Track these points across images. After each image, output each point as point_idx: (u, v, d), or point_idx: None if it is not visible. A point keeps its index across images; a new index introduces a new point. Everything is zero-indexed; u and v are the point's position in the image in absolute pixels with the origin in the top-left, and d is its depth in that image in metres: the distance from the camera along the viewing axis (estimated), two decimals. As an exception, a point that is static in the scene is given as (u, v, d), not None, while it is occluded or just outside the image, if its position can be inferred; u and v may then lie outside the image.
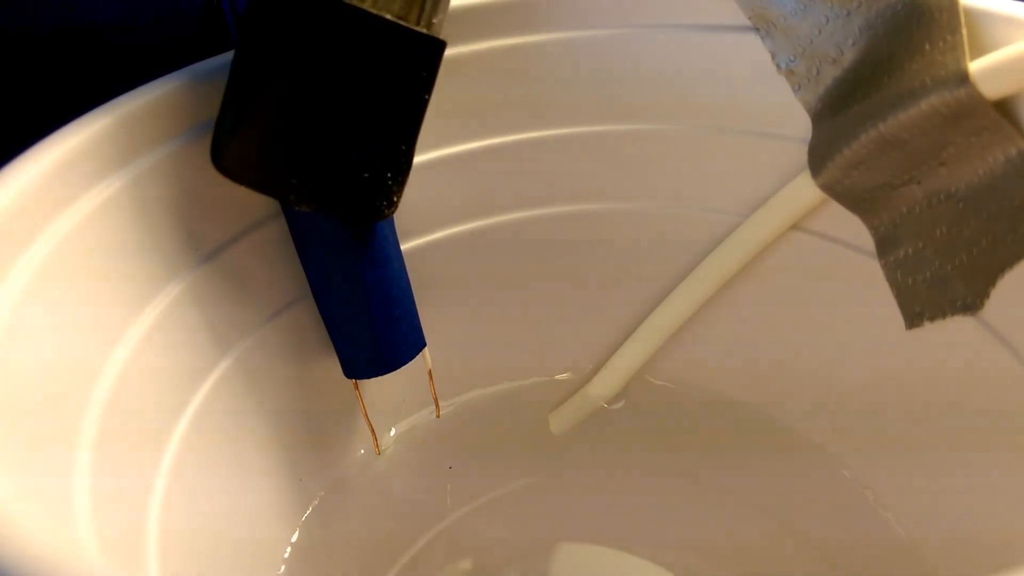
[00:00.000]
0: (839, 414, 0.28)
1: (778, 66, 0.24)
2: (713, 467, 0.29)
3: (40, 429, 0.16)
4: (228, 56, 0.21)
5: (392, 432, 0.29)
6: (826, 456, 0.28)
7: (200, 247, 0.22)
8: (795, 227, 0.26)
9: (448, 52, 0.20)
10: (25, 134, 0.18)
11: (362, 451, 0.29)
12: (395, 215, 0.21)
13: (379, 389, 0.28)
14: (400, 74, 0.19)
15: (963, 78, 0.18)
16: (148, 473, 0.20)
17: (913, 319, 0.24)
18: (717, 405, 0.31)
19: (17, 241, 0.17)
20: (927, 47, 0.20)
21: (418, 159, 0.21)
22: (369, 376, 0.25)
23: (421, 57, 0.19)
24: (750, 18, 0.24)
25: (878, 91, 0.21)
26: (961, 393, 0.24)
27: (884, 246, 0.24)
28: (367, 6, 0.19)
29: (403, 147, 0.20)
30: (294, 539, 0.26)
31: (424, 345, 0.25)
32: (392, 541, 0.28)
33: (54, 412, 0.17)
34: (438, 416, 0.28)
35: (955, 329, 0.23)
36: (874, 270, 0.24)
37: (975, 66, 0.18)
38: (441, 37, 0.20)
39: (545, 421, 0.31)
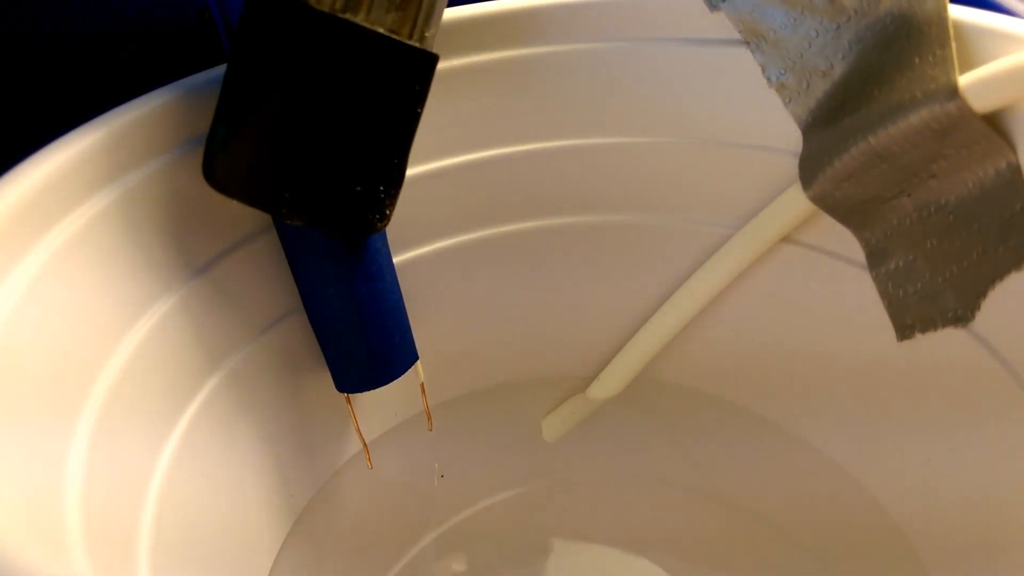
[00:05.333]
0: (830, 415, 0.28)
1: (769, 79, 0.24)
2: (706, 471, 0.29)
3: (32, 442, 0.16)
4: (220, 70, 0.21)
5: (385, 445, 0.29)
6: (824, 456, 0.28)
7: (192, 261, 0.21)
8: (786, 239, 0.26)
9: (440, 65, 0.20)
10: (13, 148, 0.18)
11: (354, 464, 0.29)
12: (387, 228, 0.21)
13: (371, 403, 0.28)
14: (393, 88, 0.19)
15: (953, 92, 0.19)
16: (139, 487, 0.20)
17: (904, 330, 0.24)
18: (707, 417, 0.31)
19: (7, 256, 0.17)
20: (917, 61, 0.20)
21: (410, 172, 0.21)
22: (361, 390, 0.25)
23: (414, 71, 0.19)
24: (740, 32, 0.24)
25: (868, 104, 0.21)
26: (951, 401, 0.24)
27: (875, 258, 0.24)
28: (360, 20, 0.19)
29: (396, 160, 0.20)
30: (285, 551, 0.26)
31: (417, 358, 0.25)
32: (383, 553, 0.28)
33: (45, 425, 0.17)
34: (430, 429, 0.28)
35: (945, 340, 0.23)
36: (865, 282, 0.24)
37: (965, 80, 0.19)
38: (434, 51, 0.20)
39: (537, 429, 0.31)
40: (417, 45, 0.19)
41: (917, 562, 0.25)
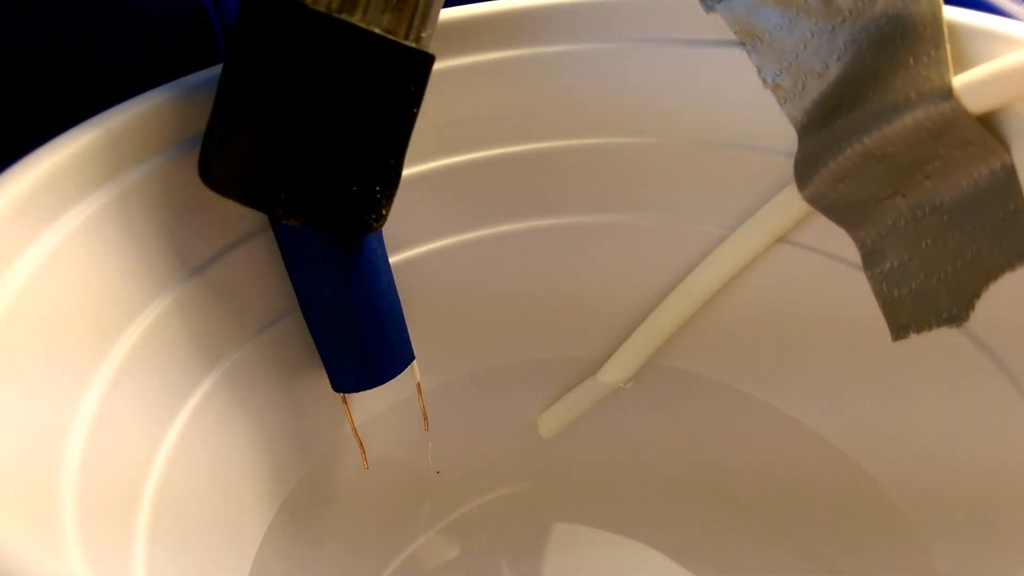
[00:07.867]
0: (839, 410, 0.28)
1: (764, 80, 0.24)
2: (706, 459, 0.29)
3: (30, 439, 0.16)
4: (216, 70, 0.21)
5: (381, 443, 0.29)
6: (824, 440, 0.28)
7: (187, 261, 0.21)
8: (782, 239, 0.26)
9: (436, 66, 0.20)
10: (8, 151, 0.18)
11: (350, 464, 0.29)
12: (383, 228, 0.21)
13: (367, 402, 0.28)
14: (389, 88, 0.19)
15: (947, 92, 0.19)
16: (134, 484, 0.20)
17: (899, 331, 0.24)
18: (706, 404, 0.31)
19: (2, 256, 0.17)
20: (911, 62, 0.20)
21: (406, 172, 0.21)
22: (357, 390, 0.25)
23: (410, 71, 0.20)
24: (736, 33, 0.24)
25: (863, 105, 0.21)
26: (946, 399, 0.24)
27: (870, 258, 0.24)
28: (356, 20, 0.19)
29: (392, 161, 0.20)
30: (283, 549, 0.26)
31: (413, 358, 0.25)
32: (380, 551, 0.28)
33: (43, 423, 0.17)
34: (427, 429, 0.28)
35: (940, 340, 0.23)
36: (860, 282, 0.24)
37: (959, 81, 0.19)
38: (429, 51, 0.20)
39: (534, 425, 0.31)
40: (413, 45, 0.19)
41: (920, 548, 0.25)
